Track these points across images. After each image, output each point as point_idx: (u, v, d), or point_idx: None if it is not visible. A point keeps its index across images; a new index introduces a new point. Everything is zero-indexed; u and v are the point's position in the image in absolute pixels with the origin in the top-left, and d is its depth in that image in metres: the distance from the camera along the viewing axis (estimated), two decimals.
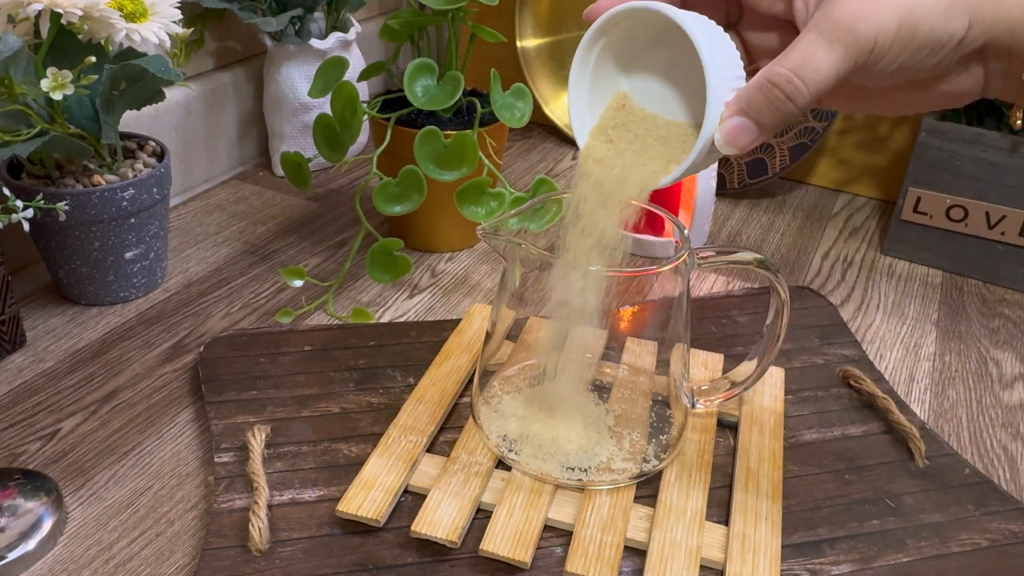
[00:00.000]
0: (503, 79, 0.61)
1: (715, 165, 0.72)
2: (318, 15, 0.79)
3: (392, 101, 0.67)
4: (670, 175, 0.38)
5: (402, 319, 0.62)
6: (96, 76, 0.51)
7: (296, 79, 0.78)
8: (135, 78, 0.54)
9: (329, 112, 0.60)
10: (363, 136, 0.87)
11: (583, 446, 0.45)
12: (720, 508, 0.45)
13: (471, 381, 0.52)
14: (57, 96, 0.49)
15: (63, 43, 0.53)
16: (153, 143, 0.63)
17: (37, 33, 0.53)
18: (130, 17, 0.53)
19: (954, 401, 0.57)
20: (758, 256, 0.44)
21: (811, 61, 0.33)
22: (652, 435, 0.47)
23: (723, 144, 0.35)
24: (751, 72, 0.39)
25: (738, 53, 0.36)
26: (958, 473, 0.49)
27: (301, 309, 0.61)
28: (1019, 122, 0.39)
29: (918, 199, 0.72)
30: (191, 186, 0.79)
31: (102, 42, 0.54)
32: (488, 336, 0.48)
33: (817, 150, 0.88)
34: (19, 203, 0.48)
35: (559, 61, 0.96)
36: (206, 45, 0.78)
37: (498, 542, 0.41)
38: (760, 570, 0.41)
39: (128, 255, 0.59)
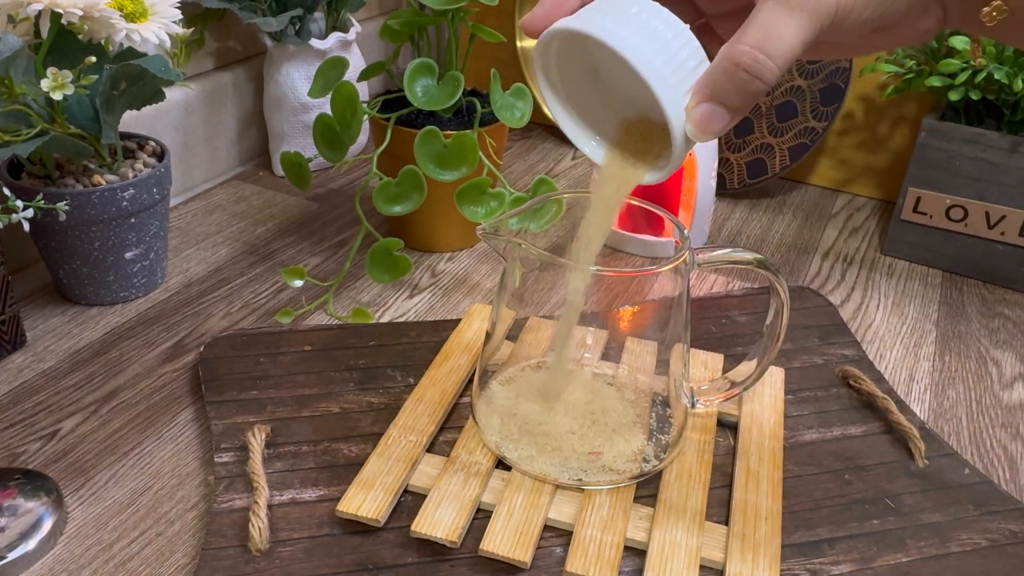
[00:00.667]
0: (503, 79, 0.61)
1: (715, 166, 0.72)
2: (318, 15, 0.79)
3: (392, 101, 0.67)
4: (652, 176, 0.38)
5: (402, 319, 0.62)
6: (96, 76, 0.51)
7: (296, 79, 0.78)
8: (135, 78, 0.54)
9: (329, 112, 0.60)
10: (363, 136, 0.87)
11: (583, 446, 0.45)
12: (720, 508, 0.45)
13: (471, 381, 0.52)
14: (57, 96, 0.49)
15: (63, 43, 0.53)
16: (153, 143, 0.63)
17: (37, 33, 0.53)
18: (130, 17, 0.53)
19: (954, 401, 0.57)
20: (758, 256, 0.44)
21: (774, 32, 0.31)
22: (652, 435, 0.47)
23: (696, 134, 0.34)
24: (699, 29, 0.37)
25: (685, 29, 0.34)
26: (958, 473, 0.49)
27: (301, 309, 0.61)
28: (981, 59, 0.38)
29: (918, 199, 0.72)
30: (191, 186, 0.79)
31: (102, 42, 0.54)
32: (488, 336, 0.48)
33: (817, 150, 0.88)
34: (19, 203, 0.48)
35: None
36: (206, 45, 0.78)
37: (498, 542, 0.41)
38: (760, 570, 0.41)
39: (128, 255, 0.59)
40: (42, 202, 0.50)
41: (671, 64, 0.33)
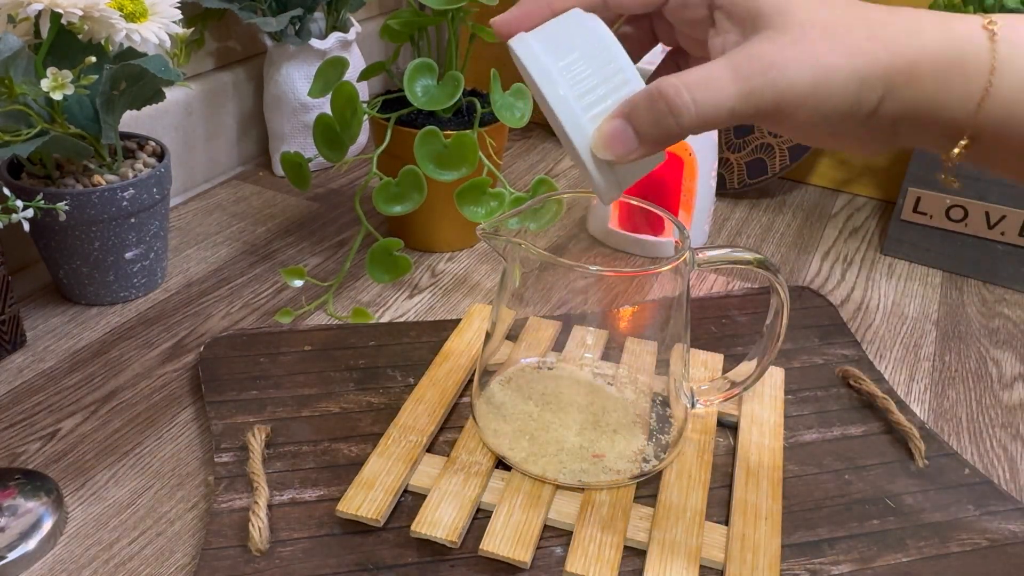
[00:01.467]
0: (503, 79, 0.61)
1: (715, 166, 0.72)
2: (318, 15, 0.79)
3: (392, 101, 0.67)
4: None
5: (402, 319, 0.62)
6: (96, 76, 0.51)
7: (296, 79, 0.78)
8: (135, 78, 0.54)
9: (329, 112, 0.60)
10: (363, 136, 0.87)
11: (583, 446, 0.45)
12: (720, 508, 0.45)
13: (471, 381, 0.52)
14: (57, 96, 0.49)
15: (63, 43, 0.53)
16: (153, 143, 0.63)
17: (37, 33, 0.53)
18: (130, 17, 0.53)
19: (954, 401, 0.57)
20: (758, 256, 0.44)
21: (710, 83, 0.31)
22: (652, 435, 0.47)
23: (598, 146, 0.33)
24: (671, 54, 0.38)
25: (619, 57, 0.34)
26: (958, 473, 0.49)
27: (301, 309, 0.61)
28: (955, 184, 0.37)
29: (918, 199, 0.72)
30: (191, 186, 0.79)
31: (102, 42, 0.54)
32: (488, 336, 0.48)
33: (817, 150, 0.88)
34: (19, 203, 0.48)
35: None
36: (206, 45, 0.78)
37: (498, 542, 0.41)
38: (760, 570, 0.41)
39: (128, 255, 0.59)
40: (42, 202, 0.50)
41: (578, 89, 0.34)
